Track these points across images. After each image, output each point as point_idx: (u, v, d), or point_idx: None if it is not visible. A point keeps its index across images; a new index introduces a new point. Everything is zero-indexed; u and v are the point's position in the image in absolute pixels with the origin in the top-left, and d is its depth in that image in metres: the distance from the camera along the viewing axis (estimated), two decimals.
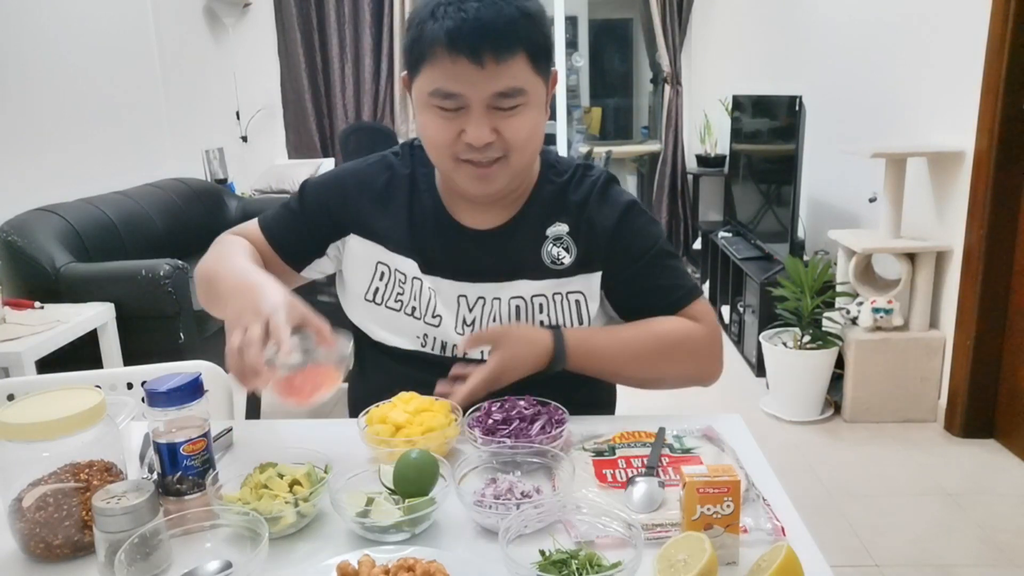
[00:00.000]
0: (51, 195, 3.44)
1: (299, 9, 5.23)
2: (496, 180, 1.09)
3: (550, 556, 0.76)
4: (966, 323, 2.72)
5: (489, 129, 1.03)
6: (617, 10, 7.36)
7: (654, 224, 1.21)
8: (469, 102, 1.02)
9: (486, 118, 1.03)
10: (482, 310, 1.15)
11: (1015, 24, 2.47)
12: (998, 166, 2.57)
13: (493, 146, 1.05)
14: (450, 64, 1.00)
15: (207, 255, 1.19)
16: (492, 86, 1.01)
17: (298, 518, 0.85)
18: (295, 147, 5.48)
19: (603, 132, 7.36)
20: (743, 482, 0.88)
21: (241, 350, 0.87)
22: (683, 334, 1.15)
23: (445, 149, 1.07)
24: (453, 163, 1.08)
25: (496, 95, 1.02)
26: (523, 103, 1.04)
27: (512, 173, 1.10)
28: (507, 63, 1.01)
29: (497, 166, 1.07)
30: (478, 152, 1.05)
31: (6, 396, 1.29)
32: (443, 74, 1.02)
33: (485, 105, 1.03)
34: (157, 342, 3.10)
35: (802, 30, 4.17)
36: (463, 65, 1.00)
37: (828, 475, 2.57)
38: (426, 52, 1.02)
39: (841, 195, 3.71)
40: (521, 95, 1.04)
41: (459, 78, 1.01)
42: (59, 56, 3.65)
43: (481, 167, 1.07)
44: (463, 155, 1.06)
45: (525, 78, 1.03)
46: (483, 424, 1.02)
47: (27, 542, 0.82)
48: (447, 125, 1.05)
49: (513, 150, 1.07)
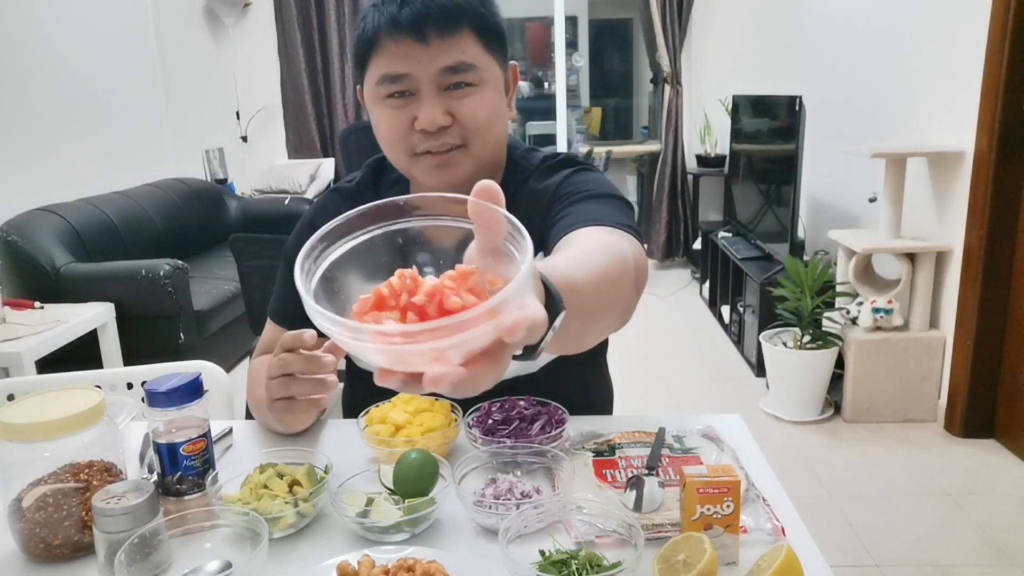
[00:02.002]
0: (51, 195, 3.44)
1: (299, 9, 5.23)
2: (456, 169, 1.02)
3: (550, 556, 0.76)
4: (966, 323, 2.72)
5: (442, 111, 0.98)
6: (617, 10, 7.36)
7: (598, 179, 1.07)
8: (418, 84, 0.98)
9: (438, 100, 0.99)
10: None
11: (1015, 24, 2.47)
12: (998, 166, 2.57)
13: (450, 131, 1.00)
14: (394, 46, 0.97)
15: (248, 388, 1.18)
16: (439, 61, 0.97)
17: (298, 518, 0.85)
18: (295, 147, 5.48)
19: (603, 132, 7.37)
20: (743, 482, 0.88)
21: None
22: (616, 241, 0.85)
23: (400, 142, 1.02)
24: (410, 158, 1.03)
25: (444, 70, 0.98)
26: (476, 82, 1.00)
27: (475, 162, 1.03)
28: (453, 38, 0.97)
29: (457, 153, 1.02)
30: (433, 139, 1.00)
31: (6, 396, 1.29)
32: (388, 59, 0.98)
33: (435, 85, 0.98)
34: (157, 342, 3.11)
35: (802, 30, 4.17)
36: (406, 44, 0.97)
37: (828, 475, 2.57)
38: (371, 44, 0.99)
39: (841, 195, 3.71)
40: (472, 71, 0.99)
41: (404, 58, 0.97)
42: (59, 56, 3.65)
43: (439, 155, 1.01)
44: (419, 146, 1.01)
45: (475, 54, 0.99)
46: (483, 424, 1.02)
47: (27, 542, 0.82)
48: (398, 114, 1.00)
49: (472, 135, 1.01)
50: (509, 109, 1.08)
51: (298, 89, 5.35)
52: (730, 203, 4.75)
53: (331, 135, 5.43)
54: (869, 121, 3.41)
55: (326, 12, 5.23)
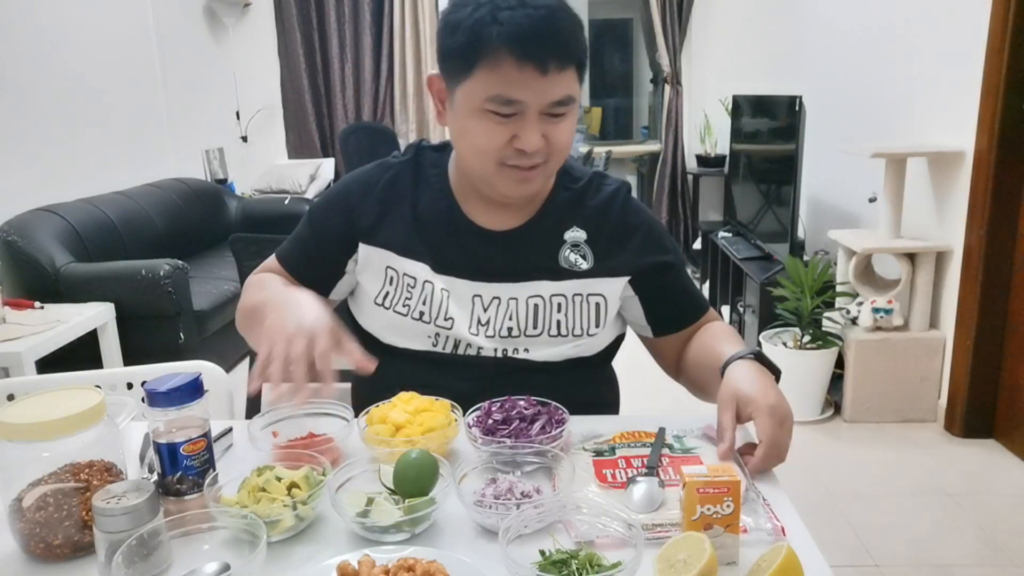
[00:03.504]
0: (51, 195, 3.44)
1: (299, 9, 5.23)
2: (535, 182, 1.12)
3: (550, 556, 0.76)
4: (966, 323, 2.72)
5: (540, 135, 1.05)
6: (617, 10, 7.36)
7: (671, 238, 1.28)
8: (526, 108, 1.03)
9: (538, 125, 1.04)
10: (497, 309, 1.15)
11: (1015, 24, 2.47)
12: (998, 166, 2.57)
13: (540, 151, 1.06)
14: (515, 71, 1.00)
15: (243, 296, 1.22)
16: (552, 94, 1.03)
17: (297, 521, 0.84)
18: (295, 147, 5.48)
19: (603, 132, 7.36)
20: (743, 482, 0.88)
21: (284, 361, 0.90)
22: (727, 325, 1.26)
23: (493, 154, 1.07)
24: (496, 167, 1.08)
25: (553, 103, 1.03)
26: (571, 111, 1.07)
27: (548, 176, 1.14)
28: (566, 72, 1.03)
29: (538, 170, 1.09)
30: (527, 158, 1.06)
31: (6, 396, 1.29)
32: (505, 80, 1.01)
33: (539, 112, 1.04)
34: (157, 342, 3.11)
35: (802, 30, 4.17)
36: (529, 73, 1.00)
37: (828, 475, 2.57)
38: (485, 57, 1.01)
39: (841, 195, 3.71)
40: (572, 103, 1.06)
41: (523, 85, 1.01)
42: (59, 56, 3.65)
43: (523, 171, 1.08)
44: (510, 160, 1.07)
45: (574, 87, 1.06)
46: (483, 424, 1.02)
47: (27, 542, 0.82)
48: (500, 131, 1.05)
49: (555, 155, 1.09)
50: None
51: (298, 89, 5.35)
52: (730, 203, 4.75)
53: (331, 135, 5.43)
54: (869, 121, 3.41)
55: (326, 12, 5.23)
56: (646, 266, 1.20)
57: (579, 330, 1.16)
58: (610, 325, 1.20)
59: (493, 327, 1.15)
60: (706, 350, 1.18)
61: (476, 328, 1.15)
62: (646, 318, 1.24)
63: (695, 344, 1.23)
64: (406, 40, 5.16)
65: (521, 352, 1.16)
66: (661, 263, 1.22)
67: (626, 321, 1.27)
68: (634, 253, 1.20)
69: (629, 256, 1.20)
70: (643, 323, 1.25)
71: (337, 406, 1.07)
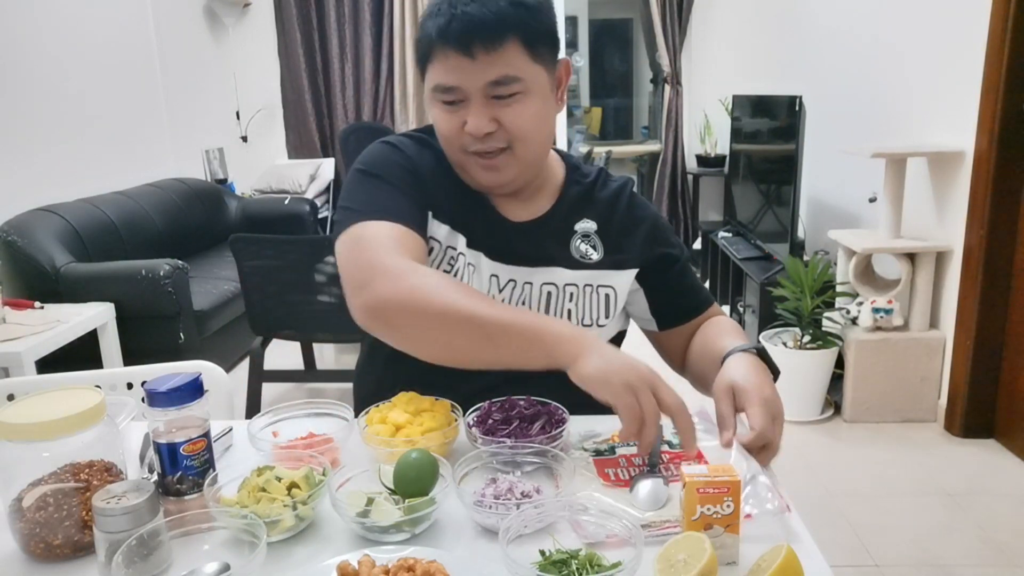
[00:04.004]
0: (51, 195, 3.44)
1: (299, 9, 5.23)
2: (504, 170, 1.11)
3: (550, 556, 0.76)
4: (966, 323, 2.72)
5: (488, 119, 1.06)
6: (617, 10, 7.36)
7: (675, 232, 1.30)
8: (467, 94, 1.06)
9: (485, 108, 1.06)
10: (511, 292, 1.16)
11: (1015, 24, 2.47)
12: (998, 166, 2.57)
13: (495, 136, 1.07)
14: (444, 59, 1.05)
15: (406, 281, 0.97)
16: (484, 76, 1.04)
17: (297, 521, 0.84)
18: (295, 147, 5.48)
19: (603, 132, 7.36)
20: (745, 466, 0.89)
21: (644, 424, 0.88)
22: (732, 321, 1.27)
23: (453, 141, 1.10)
24: (462, 155, 1.11)
25: (490, 84, 1.05)
26: (520, 91, 1.06)
27: (521, 164, 1.12)
28: (498, 52, 1.03)
29: (503, 157, 1.10)
30: (481, 143, 1.08)
31: (6, 396, 1.29)
32: (441, 69, 1.06)
33: (482, 95, 1.05)
34: (157, 342, 3.11)
35: (802, 30, 4.17)
36: (455, 58, 1.04)
37: (828, 475, 2.57)
38: (427, 50, 1.07)
39: (841, 195, 3.71)
40: (516, 83, 1.05)
41: (453, 71, 1.05)
42: (59, 56, 3.65)
43: (487, 158, 1.10)
44: (470, 147, 1.09)
45: (520, 66, 1.05)
46: (483, 424, 1.02)
47: (27, 542, 0.82)
48: (451, 118, 1.09)
49: (516, 140, 1.09)
50: (560, 102, 1.16)
51: (298, 89, 5.35)
52: (730, 203, 4.75)
53: (331, 135, 5.43)
54: (869, 121, 3.41)
55: (326, 12, 5.23)
56: (653, 258, 1.22)
57: (589, 320, 1.18)
58: (616, 318, 1.21)
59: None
60: (709, 343, 1.19)
61: None
62: (651, 311, 1.25)
63: (698, 337, 1.24)
64: (406, 40, 5.16)
65: None
66: (667, 255, 1.23)
67: (630, 316, 1.28)
68: (641, 246, 1.22)
69: (637, 249, 1.22)
70: (648, 316, 1.26)
71: (337, 406, 1.07)
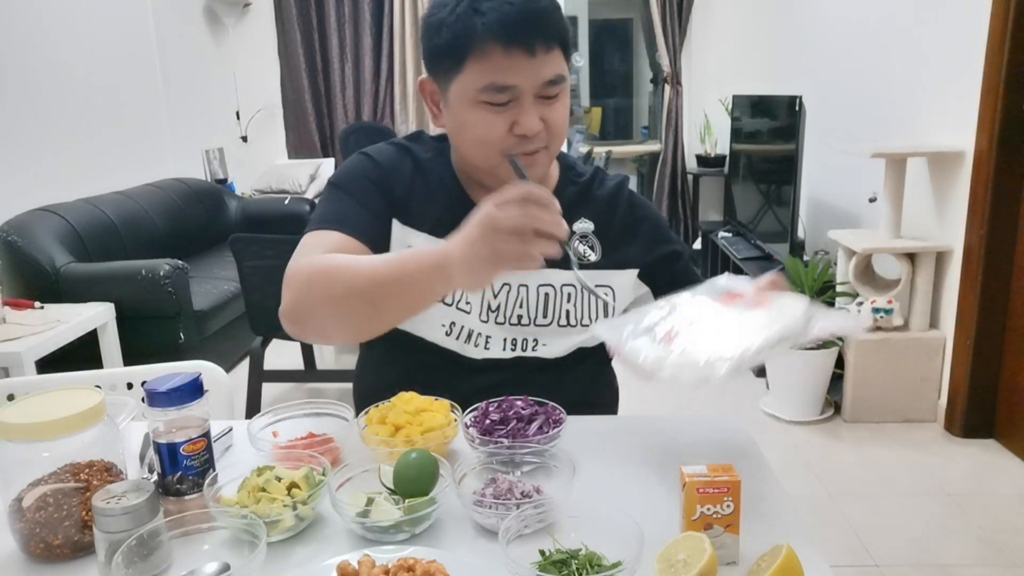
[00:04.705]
0: (51, 195, 3.44)
1: (299, 9, 5.23)
2: (540, 167, 1.12)
3: (550, 556, 0.76)
4: (966, 323, 2.72)
5: (538, 119, 1.06)
6: (617, 10, 7.36)
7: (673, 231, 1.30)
8: (521, 93, 1.04)
9: (535, 108, 1.06)
10: (507, 296, 1.15)
11: (1015, 24, 2.47)
12: (998, 166, 2.57)
13: (540, 135, 1.07)
14: (503, 57, 1.01)
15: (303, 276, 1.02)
16: (543, 74, 1.04)
17: (297, 521, 0.84)
18: (295, 147, 5.48)
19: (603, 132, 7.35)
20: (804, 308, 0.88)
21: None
22: None
23: (496, 144, 1.07)
24: (500, 158, 1.08)
25: (546, 84, 1.05)
26: (562, 91, 1.08)
27: (550, 160, 1.15)
28: (553, 52, 1.05)
29: (541, 154, 1.10)
30: (529, 143, 1.07)
31: (6, 396, 1.29)
32: (495, 67, 1.02)
33: (534, 95, 1.05)
34: (157, 342, 3.11)
35: (802, 30, 4.17)
36: (517, 56, 1.02)
37: (828, 475, 2.57)
38: (473, 49, 1.02)
39: (841, 195, 3.71)
40: (563, 82, 1.07)
41: (514, 70, 1.02)
42: (59, 56, 3.65)
43: (528, 156, 1.09)
44: (514, 149, 1.07)
45: (563, 66, 1.08)
46: (480, 424, 1.02)
47: (27, 542, 0.82)
48: (498, 120, 1.05)
49: (554, 138, 1.10)
50: None
51: (298, 89, 5.35)
52: (730, 203, 4.75)
53: (331, 135, 5.43)
54: (869, 121, 3.41)
55: (326, 12, 5.23)
56: (657, 258, 1.23)
57: (588, 320, 1.18)
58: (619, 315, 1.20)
59: (504, 314, 1.15)
60: None
61: (487, 315, 1.15)
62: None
63: None
64: (406, 40, 5.16)
65: (530, 350, 1.16)
66: (672, 253, 1.24)
67: None
68: (643, 246, 1.22)
69: (638, 249, 1.22)
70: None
71: (337, 406, 1.07)
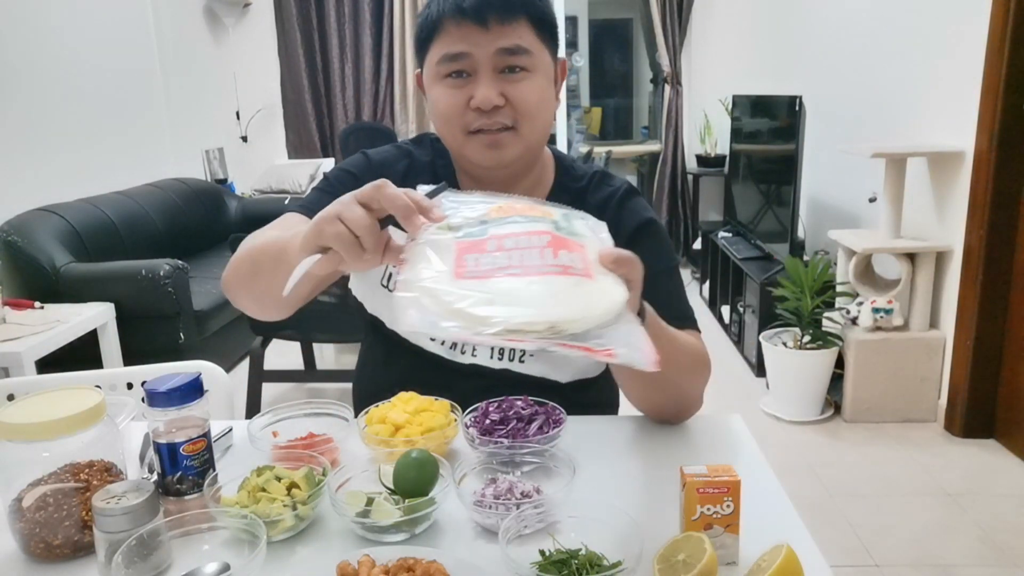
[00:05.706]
0: (51, 195, 3.44)
1: (299, 9, 5.23)
2: (506, 149, 1.09)
3: (550, 556, 0.76)
4: (966, 323, 2.72)
5: (496, 92, 1.05)
6: (617, 10, 7.36)
7: (669, 245, 1.22)
8: (476, 64, 1.05)
9: (494, 82, 1.05)
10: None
11: (1015, 24, 2.47)
12: (998, 166, 2.57)
13: (502, 112, 1.06)
14: (455, 29, 1.05)
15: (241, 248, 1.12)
16: (497, 43, 1.04)
17: (296, 521, 0.84)
18: (295, 147, 5.48)
19: (603, 132, 7.36)
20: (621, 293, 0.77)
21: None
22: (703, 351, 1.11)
23: (456, 120, 1.07)
24: (464, 136, 1.08)
25: (501, 51, 1.04)
26: (529, 67, 1.06)
27: (523, 145, 1.10)
28: (511, 24, 1.04)
29: (507, 134, 1.08)
30: (487, 117, 1.06)
31: (6, 396, 1.29)
32: (450, 39, 1.05)
33: (491, 67, 1.05)
34: (157, 342, 3.11)
35: (802, 30, 4.17)
36: (468, 27, 1.04)
37: (828, 475, 2.57)
38: (434, 27, 1.07)
39: (841, 195, 3.71)
40: (526, 55, 1.06)
41: (464, 39, 1.04)
42: (59, 57, 3.65)
43: (491, 134, 1.07)
44: (473, 125, 1.07)
45: (529, 41, 1.06)
46: (480, 424, 1.02)
47: (27, 542, 0.82)
48: (456, 93, 1.06)
49: (522, 117, 1.07)
50: (556, 100, 1.15)
51: (298, 89, 5.35)
52: (730, 203, 4.75)
53: (331, 135, 5.44)
54: (869, 121, 3.41)
55: (326, 12, 5.23)
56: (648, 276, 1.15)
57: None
58: None
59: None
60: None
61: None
62: None
63: None
64: (406, 40, 5.17)
65: (516, 361, 1.15)
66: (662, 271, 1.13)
67: None
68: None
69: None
70: None
71: (337, 406, 1.07)
